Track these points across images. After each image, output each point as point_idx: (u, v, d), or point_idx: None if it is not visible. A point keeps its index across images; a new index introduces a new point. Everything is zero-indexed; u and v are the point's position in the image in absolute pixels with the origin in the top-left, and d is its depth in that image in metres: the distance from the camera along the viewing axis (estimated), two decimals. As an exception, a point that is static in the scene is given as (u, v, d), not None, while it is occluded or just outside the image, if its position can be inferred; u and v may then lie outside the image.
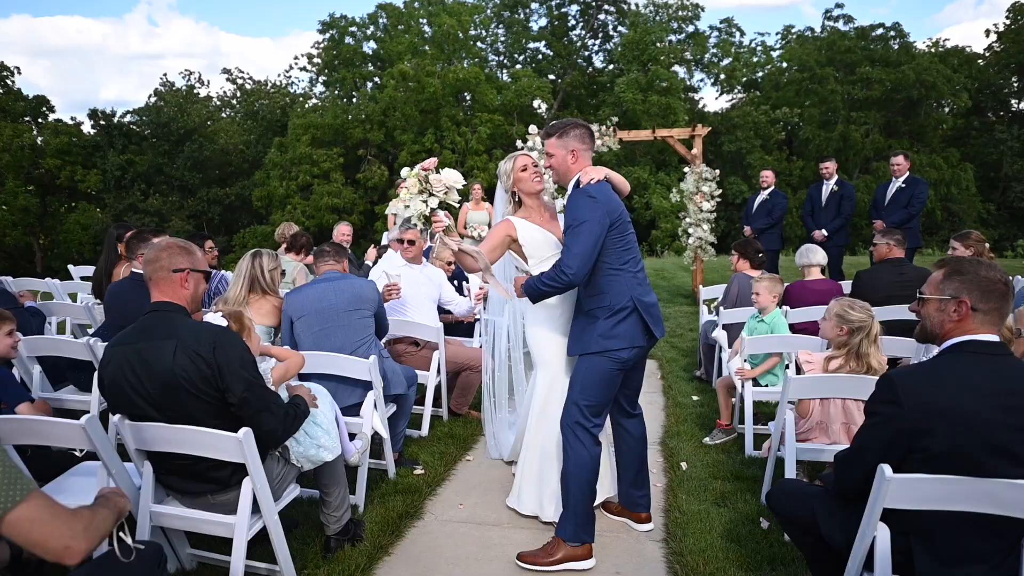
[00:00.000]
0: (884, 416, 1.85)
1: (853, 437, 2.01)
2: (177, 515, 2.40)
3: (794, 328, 4.36)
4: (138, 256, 3.65)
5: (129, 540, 1.78)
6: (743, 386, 3.97)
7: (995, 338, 1.83)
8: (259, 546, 2.67)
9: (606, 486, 3.17)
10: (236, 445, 2.21)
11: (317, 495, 2.94)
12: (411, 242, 4.44)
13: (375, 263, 5.82)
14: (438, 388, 4.46)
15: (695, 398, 5.10)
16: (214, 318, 2.48)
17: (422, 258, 4.80)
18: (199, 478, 2.35)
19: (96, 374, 3.54)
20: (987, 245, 4.62)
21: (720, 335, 4.91)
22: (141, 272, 3.62)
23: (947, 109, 26.19)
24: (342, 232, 6.82)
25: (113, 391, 2.27)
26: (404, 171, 3.59)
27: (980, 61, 26.35)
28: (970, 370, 1.80)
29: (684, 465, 3.80)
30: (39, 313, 4.57)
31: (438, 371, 4.31)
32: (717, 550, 2.84)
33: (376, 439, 3.49)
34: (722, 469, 3.75)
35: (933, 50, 26.23)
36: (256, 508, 2.37)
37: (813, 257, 4.96)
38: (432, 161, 3.55)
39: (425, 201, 3.45)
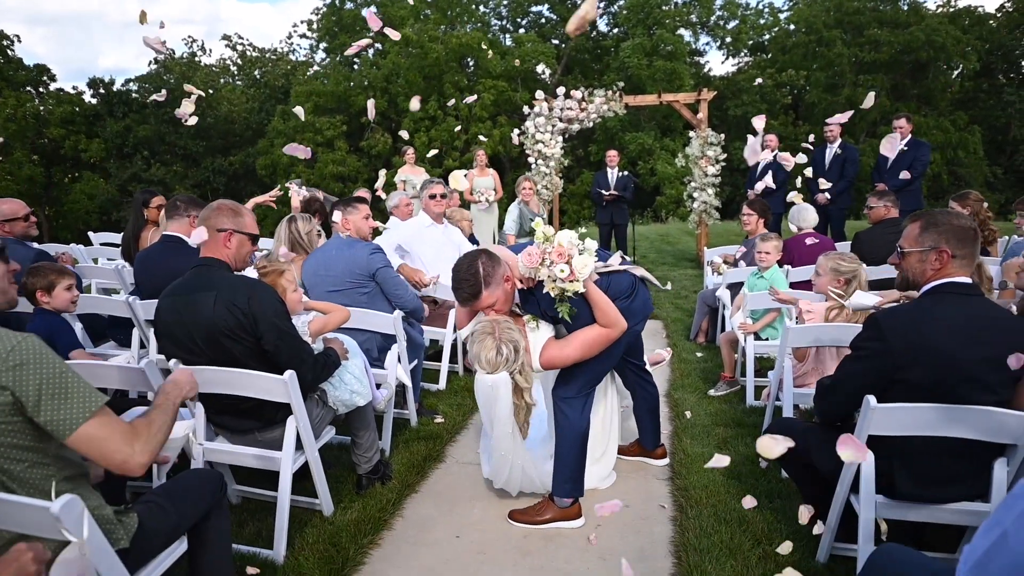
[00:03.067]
0: (870, 351, 2.05)
1: (839, 366, 2.21)
2: (227, 451, 2.64)
3: (793, 286, 4.54)
4: (191, 219, 3.81)
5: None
6: (745, 340, 4.18)
7: (969, 280, 2.02)
8: (298, 483, 2.92)
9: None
10: (282, 386, 2.42)
11: (348, 441, 3.19)
12: (443, 195, 4.63)
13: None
14: (455, 344, 4.69)
15: (699, 355, 5.31)
16: (250, 273, 2.67)
17: (443, 218, 5.00)
18: (247, 416, 2.57)
19: (134, 329, 3.78)
20: (985, 204, 4.76)
21: (724, 294, 5.10)
22: (171, 235, 3.82)
23: (956, 72, 25.82)
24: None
25: (166, 337, 2.48)
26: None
27: (992, 22, 25.86)
28: (949, 309, 1.99)
29: (688, 414, 4.03)
30: (77, 276, 4.76)
31: (455, 328, 4.52)
32: (719, 486, 3.08)
33: (398, 391, 3.73)
34: (724, 417, 3.98)
35: (943, 11, 25.74)
36: (298, 445, 2.60)
37: (807, 218, 5.15)
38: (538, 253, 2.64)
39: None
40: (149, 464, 1.69)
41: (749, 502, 2.76)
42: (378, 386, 3.35)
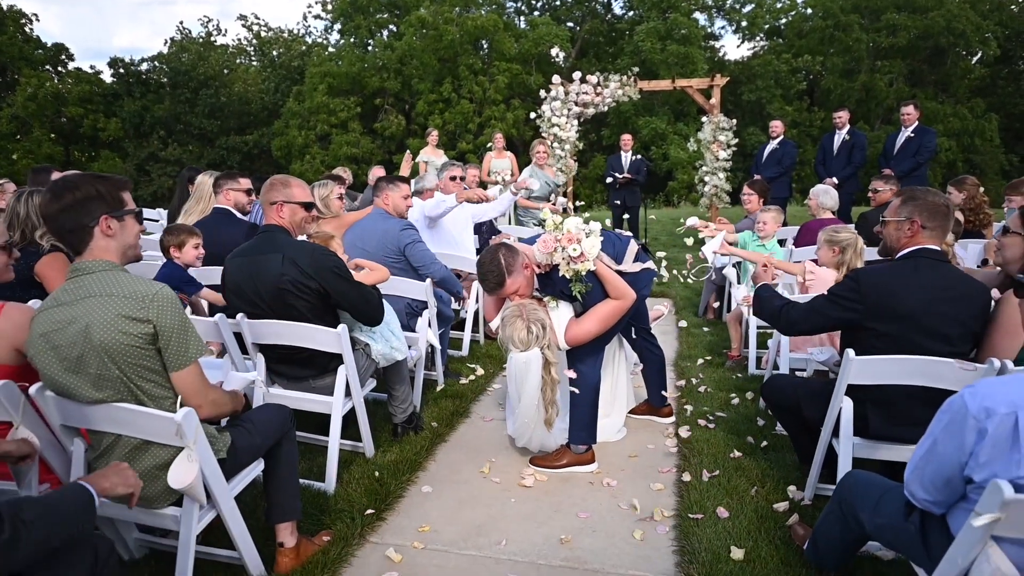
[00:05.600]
0: (847, 299, 2.37)
1: (813, 299, 2.53)
2: (284, 396, 2.98)
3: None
4: (224, 192, 4.15)
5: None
6: (748, 312, 4.47)
7: (939, 248, 2.32)
8: (342, 431, 3.28)
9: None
10: (335, 338, 2.77)
11: (383, 398, 3.55)
12: (462, 178, 4.97)
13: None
14: (477, 313, 5.03)
15: (705, 329, 5.62)
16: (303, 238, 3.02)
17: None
18: (303, 365, 2.93)
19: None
20: (981, 190, 5.00)
21: (730, 272, 5.39)
22: (220, 207, 4.17)
23: (974, 58, 25.56)
24: (376, 175, 7.37)
25: (234, 294, 2.83)
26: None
27: (1013, 7, 25.53)
28: (919, 272, 2.30)
29: (694, 380, 4.35)
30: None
31: (476, 299, 4.86)
32: (719, 439, 3.41)
33: (428, 355, 4.08)
34: (727, 384, 4.30)
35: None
36: (347, 393, 2.95)
37: (828, 200, 5.29)
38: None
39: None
40: (207, 419, 2.03)
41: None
42: (409, 347, 3.70)
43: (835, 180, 7.75)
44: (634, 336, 3.65)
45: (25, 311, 2.07)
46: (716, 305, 5.98)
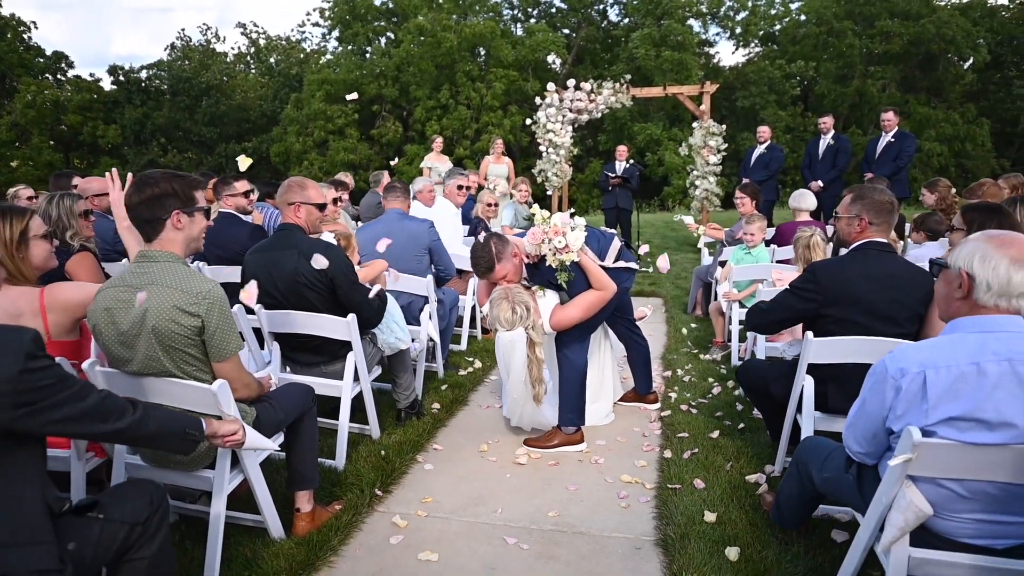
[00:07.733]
0: (805, 291, 2.64)
1: (777, 294, 2.80)
2: (298, 380, 3.23)
3: (783, 263, 5.08)
4: (224, 198, 4.42)
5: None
6: (730, 307, 4.74)
7: (886, 241, 2.60)
8: (350, 416, 3.53)
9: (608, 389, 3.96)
10: (345, 327, 3.03)
11: (387, 388, 3.81)
12: (468, 187, 5.27)
13: None
14: (474, 309, 5.30)
15: (693, 326, 5.89)
16: (328, 237, 3.28)
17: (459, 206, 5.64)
18: (316, 352, 3.19)
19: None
20: (952, 191, 5.29)
21: (719, 272, 5.65)
22: (226, 211, 4.44)
23: (966, 64, 25.96)
24: (385, 178, 7.66)
25: (253, 288, 3.08)
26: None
27: (1004, 13, 25.97)
28: (867, 262, 2.57)
29: (679, 372, 4.61)
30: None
31: (474, 293, 5.12)
32: (700, 423, 3.67)
33: (429, 348, 4.34)
34: (710, 374, 4.56)
35: (955, 1, 25.86)
36: (355, 378, 3.20)
37: (804, 202, 5.61)
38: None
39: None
40: (244, 399, 2.33)
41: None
42: (412, 340, 3.96)
43: (820, 183, 8.06)
44: (619, 327, 3.92)
45: (68, 288, 2.35)
46: (701, 301, 6.24)
